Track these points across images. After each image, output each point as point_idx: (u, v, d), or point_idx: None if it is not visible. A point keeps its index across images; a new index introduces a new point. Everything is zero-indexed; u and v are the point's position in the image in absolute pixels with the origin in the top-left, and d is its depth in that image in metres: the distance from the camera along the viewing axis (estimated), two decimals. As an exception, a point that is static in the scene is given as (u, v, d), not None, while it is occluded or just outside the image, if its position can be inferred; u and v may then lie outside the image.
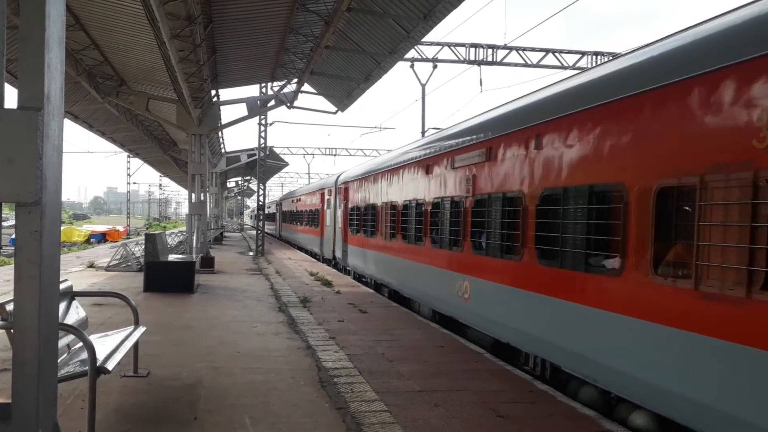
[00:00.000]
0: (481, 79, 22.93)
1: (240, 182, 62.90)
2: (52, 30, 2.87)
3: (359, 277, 17.99)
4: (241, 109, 21.36)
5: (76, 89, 18.88)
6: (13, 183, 2.81)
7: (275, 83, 20.83)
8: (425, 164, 11.61)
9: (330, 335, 9.27)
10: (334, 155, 55.01)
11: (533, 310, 7.32)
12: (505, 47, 22.87)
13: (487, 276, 8.65)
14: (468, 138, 9.54)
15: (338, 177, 21.66)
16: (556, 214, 6.84)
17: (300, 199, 33.57)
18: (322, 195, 24.93)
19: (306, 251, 30.79)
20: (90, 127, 25.57)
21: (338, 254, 21.00)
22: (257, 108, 21.62)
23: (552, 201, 7.01)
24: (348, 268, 19.50)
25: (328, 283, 16.20)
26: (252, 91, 26.16)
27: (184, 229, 32.35)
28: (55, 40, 2.92)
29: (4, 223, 52.54)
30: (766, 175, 4.26)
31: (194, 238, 19.51)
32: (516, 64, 23.26)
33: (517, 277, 7.79)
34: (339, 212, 20.76)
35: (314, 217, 27.25)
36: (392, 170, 14.07)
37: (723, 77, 4.72)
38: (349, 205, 19.02)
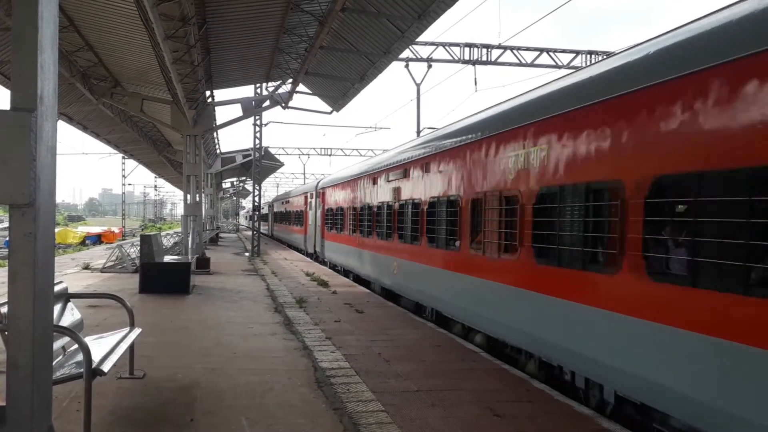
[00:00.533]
0: (475, 79, 22.96)
1: (235, 183, 62.79)
2: (44, 31, 2.85)
3: (334, 266, 21.62)
4: (236, 110, 21.35)
5: (71, 91, 18.82)
6: (6, 185, 2.80)
7: (270, 84, 20.80)
8: (372, 177, 15.63)
9: (326, 335, 9.27)
10: (330, 155, 55.05)
11: (427, 277, 11.19)
12: (499, 47, 22.92)
13: (404, 257, 12.65)
14: (395, 160, 13.66)
15: (318, 183, 25.44)
16: (434, 214, 10.86)
17: (288, 201, 37.82)
18: (306, 198, 28.46)
19: (293, 247, 34.19)
20: (84, 128, 25.48)
21: (318, 249, 24.72)
22: (252, 108, 21.58)
23: (437, 205, 10.68)
24: (325, 260, 23.25)
25: (324, 284, 16.19)
26: (247, 91, 26.11)
27: (179, 230, 32.28)
28: (48, 42, 2.91)
29: (0, 225, 52.32)
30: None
31: (189, 239, 19.46)
32: (510, 64, 23.31)
33: (418, 256, 11.72)
34: (318, 213, 24.29)
35: (300, 217, 31.07)
36: (352, 181, 18.11)
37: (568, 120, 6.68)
38: (326, 207, 22.68)
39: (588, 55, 23.58)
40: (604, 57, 8.75)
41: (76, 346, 5.31)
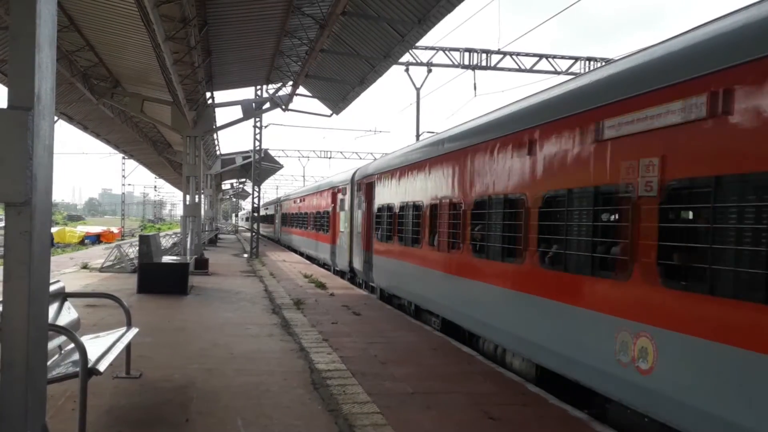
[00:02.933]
0: (475, 84, 23.00)
1: (235, 184, 62.79)
2: (42, 29, 2.87)
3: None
4: (236, 112, 21.36)
5: (71, 90, 18.83)
6: (2, 183, 2.80)
7: (270, 86, 20.83)
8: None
9: (323, 337, 9.27)
10: (329, 158, 55.20)
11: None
12: (498, 52, 22.95)
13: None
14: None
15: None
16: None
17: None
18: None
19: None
20: (85, 128, 25.48)
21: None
22: (252, 110, 21.59)
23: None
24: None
25: (321, 286, 16.19)
26: (247, 93, 26.14)
27: (178, 230, 32.27)
28: (46, 40, 2.92)
29: (-2, 224, 52.21)
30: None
31: (188, 239, 19.46)
32: (510, 69, 23.35)
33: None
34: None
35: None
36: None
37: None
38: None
39: (587, 62, 23.62)
40: (603, 63, 9.07)
41: (72, 345, 5.30)
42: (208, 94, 19.92)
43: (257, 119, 26.04)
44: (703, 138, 4.76)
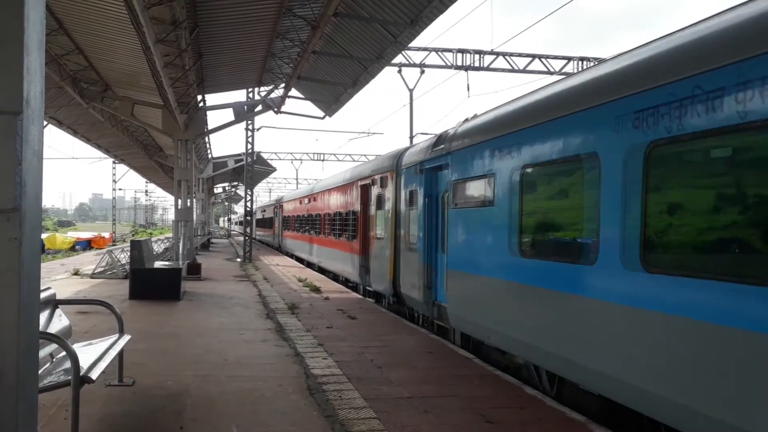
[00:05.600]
0: (468, 84, 23.02)
1: (227, 188, 62.61)
2: (31, 33, 2.81)
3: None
4: (228, 115, 21.29)
5: (60, 94, 18.70)
6: (-9, 189, 2.74)
7: (262, 88, 20.78)
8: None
9: (318, 342, 9.21)
10: (323, 160, 55.10)
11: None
12: (491, 53, 22.99)
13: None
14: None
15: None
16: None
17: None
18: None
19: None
20: (74, 132, 25.33)
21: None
22: (244, 113, 21.52)
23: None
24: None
25: (316, 289, 16.13)
26: (239, 96, 26.07)
27: (170, 235, 32.10)
28: (35, 44, 2.86)
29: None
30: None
31: (180, 244, 19.34)
32: (503, 70, 23.39)
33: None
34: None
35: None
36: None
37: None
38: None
39: (580, 62, 23.70)
40: (596, 63, 8.67)
41: (64, 353, 5.23)
42: (200, 97, 19.84)
43: (249, 122, 25.97)
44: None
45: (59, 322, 5.90)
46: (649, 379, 4.95)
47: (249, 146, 27.04)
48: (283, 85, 19.41)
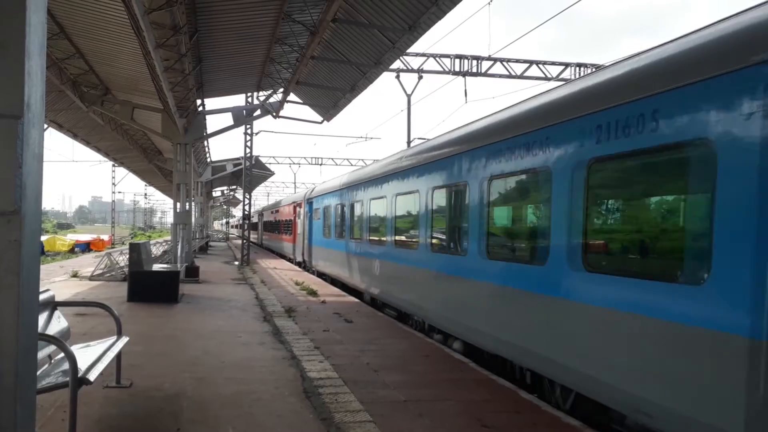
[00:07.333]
0: (465, 90, 23.08)
1: (226, 191, 62.65)
2: (32, 38, 2.85)
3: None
4: (227, 119, 21.35)
5: (61, 98, 18.76)
6: (-8, 192, 2.78)
7: (261, 93, 20.84)
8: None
9: (315, 345, 9.23)
10: (320, 165, 55.11)
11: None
12: (489, 58, 23.07)
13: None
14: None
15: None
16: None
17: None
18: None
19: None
20: (75, 136, 25.38)
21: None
22: (243, 117, 21.59)
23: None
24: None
25: (313, 293, 16.15)
26: (238, 100, 26.14)
27: (169, 238, 32.12)
28: (36, 48, 2.90)
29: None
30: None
31: (179, 247, 19.36)
32: (500, 76, 23.47)
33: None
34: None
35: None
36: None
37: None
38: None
39: (577, 68, 23.79)
40: (593, 69, 8.95)
41: (62, 354, 5.26)
42: (199, 102, 19.90)
43: (248, 126, 26.04)
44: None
45: (58, 323, 5.93)
46: (587, 363, 5.86)
47: (247, 150, 27.11)
48: (281, 89, 19.48)
